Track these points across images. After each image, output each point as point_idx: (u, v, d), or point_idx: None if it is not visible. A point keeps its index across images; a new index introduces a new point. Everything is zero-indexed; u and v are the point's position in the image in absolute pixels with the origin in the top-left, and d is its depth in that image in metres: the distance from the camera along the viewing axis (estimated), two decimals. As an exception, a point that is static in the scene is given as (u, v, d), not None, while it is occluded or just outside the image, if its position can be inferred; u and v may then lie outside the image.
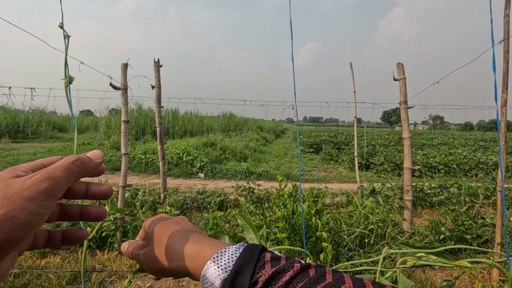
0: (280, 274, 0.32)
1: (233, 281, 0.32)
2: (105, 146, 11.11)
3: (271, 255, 0.35)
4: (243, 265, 0.33)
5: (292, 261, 0.34)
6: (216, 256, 0.35)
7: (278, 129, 31.20)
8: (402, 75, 3.40)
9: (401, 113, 3.41)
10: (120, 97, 3.23)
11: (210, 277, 0.34)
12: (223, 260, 0.35)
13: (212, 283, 0.34)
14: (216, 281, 0.33)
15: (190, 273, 0.38)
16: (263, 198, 4.46)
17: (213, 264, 0.35)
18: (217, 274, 0.34)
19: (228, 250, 0.36)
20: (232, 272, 0.33)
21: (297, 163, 10.89)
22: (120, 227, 3.08)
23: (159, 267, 0.40)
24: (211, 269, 0.34)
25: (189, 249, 0.39)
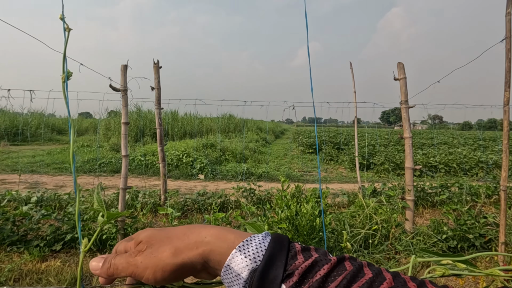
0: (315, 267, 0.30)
1: (264, 272, 0.30)
2: (104, 148, 11.08)
3: (300, 245, 0.33)
4: (274, 256, 0.31)
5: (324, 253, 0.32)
6: (242, 245, 0.33)
7: (278, 130, 31.22)
8: (403, 74, 3.39)
9: (402, 112, 3.40)
10: (120, 98, 3.22)
11: (236, 267, 0.31)
12: (251, 249, 0.32)
13: (238, 274, 0.31)
14: (243, 272, 0.31)
15: (208, 265, 0.34)
16: (264, 199, 4.45)
17: (239, 253, 0.32)
18: (244, 265, 0.31)
19: (254, 239, 0.33)
20: (262, 263, 0.30)
21: (297, 164, 10.87)
22: (120, 229, 3.06)
23: (171, 264, 0.34)
24: (238, 259, 0.32)
25: (209, 234, 0.35)
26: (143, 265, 0.34)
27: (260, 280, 0.30)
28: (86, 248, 0.43)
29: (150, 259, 0.35)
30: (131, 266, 0.35)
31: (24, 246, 3.00)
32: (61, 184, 6.41)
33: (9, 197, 4.12)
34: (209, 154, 9.74)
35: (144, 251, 0.36)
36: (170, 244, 0.35)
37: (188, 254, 0.34)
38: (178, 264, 0.34)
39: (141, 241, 0.37)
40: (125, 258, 0.36)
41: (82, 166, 8.28)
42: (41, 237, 3.10)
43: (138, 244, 0.37)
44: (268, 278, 0.29)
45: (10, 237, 2.99)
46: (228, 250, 0.33)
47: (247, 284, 0.30)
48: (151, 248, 0.35)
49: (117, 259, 0.37)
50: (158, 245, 0.35)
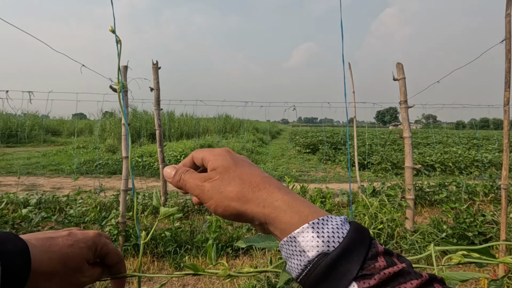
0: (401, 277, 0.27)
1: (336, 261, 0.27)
2: (100, 150, 10.98)
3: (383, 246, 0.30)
4: (352, 248, 0.28)
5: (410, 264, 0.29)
6: (317, 223, 0.30)
7: (274, 130, 31.26)
8: (402, 75, 3.43)
9: (401, 112, 3.43)
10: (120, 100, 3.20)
11: (303, 244, 0.29)
12: (326, 230, 0.29)
13: (303, 251, 0.29)
14: (310, 251, 0.29)
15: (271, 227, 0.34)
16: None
17: (311, 230, 0.30)
18: (314, 244, 0.29)
19: (331, 221, 0.30)
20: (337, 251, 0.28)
21: (295, 164, 10.91)
22: (122, 231, 3.04)
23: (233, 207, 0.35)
24: (308, 236, 0.29)
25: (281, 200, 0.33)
26: (209, 194, 0.36)
27: (329, 268, 0.27)
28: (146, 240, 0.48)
29: (216, 193, 0.35)
30: (198, 189, 0.37)
31: (24, 249, 2.96)
32: (58, 186, 6.34)
33: (6, 199, 4.07)
34: (206, 155, 9.72)
35: (214, 180, 0.36)
36: (239, 187, 0.35)
37: (252, 207, 0.34)
38: (239, 212, 0.34)
39: (215, 169, 0.37)
40: (195, 180, 0.37)
41: (79, 167, 8.20)
42: (41, 240, 3.07)
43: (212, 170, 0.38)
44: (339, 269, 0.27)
45: (9, 241, 2.95)
46: (298, 222, 0.31)
47: (311, 265, 0.29)
48: (221, 181, 0.36)
49: (187, 177, 0.38)
50: (228, 182, 0.35)
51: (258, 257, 2.95)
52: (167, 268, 2.84)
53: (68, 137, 18.31)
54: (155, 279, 2.69)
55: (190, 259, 2.89)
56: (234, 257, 3.05)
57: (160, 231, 3.13)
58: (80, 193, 3.83)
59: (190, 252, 3.00)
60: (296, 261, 0.30)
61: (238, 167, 0.37)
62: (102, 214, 3.33)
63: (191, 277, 2.72)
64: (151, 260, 2.96)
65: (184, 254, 2.97)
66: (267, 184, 0.35)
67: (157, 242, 3.06)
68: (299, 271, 0.30)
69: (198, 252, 3.00)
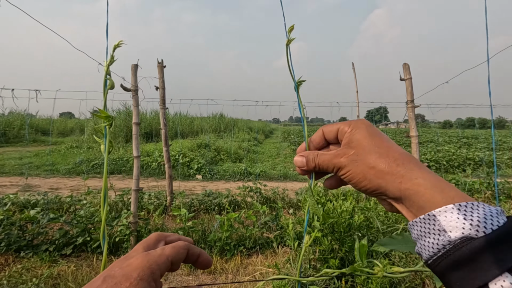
0: None
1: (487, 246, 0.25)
2: (95, 149, 10.78)
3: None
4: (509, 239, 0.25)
5: None
6: (465, 205, 0.28)
7: (267, 129, 31.30)
8: (409, 75, 3.51)
9: (408, 112, 3.52)
10: (131, 98, 3.16)
11: (444, 223, 0.28)
12: (476, 215, 0.27)
13: (444, 230, 0.28)
14: (453, 231, 0.27)
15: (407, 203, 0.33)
16: (270, 198, 4.48)
17: (457, 211, 0.28)
18: (459, 225, 0.27)
19: (483, 207, 0.28)
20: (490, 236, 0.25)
21: (291, 163, 10.97)
22: (134, 231, 3.01)
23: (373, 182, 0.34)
24: (452, 216, 0.28)
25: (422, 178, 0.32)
26: (347, 168, 0.37)
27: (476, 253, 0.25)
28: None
29: (354, 166, 0.36)
30: (335, 165, 0.38)
31: (32, 250, 2.90)
32: (55, 186, 6.20)
33: (6, 200, 3.95)
34: (204, 154, 9.67)
35: (350, 155, 0.37)
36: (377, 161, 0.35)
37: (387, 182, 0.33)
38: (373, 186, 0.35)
39: (350, 143, 0.38)
40: (330, 159, 0.38)
41: (75, 167, 8.03)
42: (50, 241, 3.01)
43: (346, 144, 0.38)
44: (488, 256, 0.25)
45: (17, 242, 2.88)
46: (441, 202, 0.29)
47: (451, 245, 0.27)
48: (357, 155, 0.36)
49: (321, 159, 0.40)
50: (364, 156, 0.36)
51: (273, 256, 2.98)
52: (182, 268, 2.83)
53: (58, 137, 17.87)
54: (171, 278, 2.68)
55: (204, 258, 2.88)
56: (247, 255, 3.06)
57: (173, 230, 3.11)
58: (90, 193, 3.75)
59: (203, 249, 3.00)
60: (432, 240, 0.28)
61: (375, 140, 0.37)
62: (112, 214, 3.29)
63: (207, 276, 2.72)
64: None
65: (198, 253, 2.96)
66: (406, 161, 0.34)
67: (170, 242, 3.04)
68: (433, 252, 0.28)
69: (212, 251, 3.00)
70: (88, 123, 15.63)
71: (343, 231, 1.73)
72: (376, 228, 1.91)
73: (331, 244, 1.69)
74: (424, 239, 0.29)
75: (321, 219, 1.63)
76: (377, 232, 1.97)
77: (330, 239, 1.71)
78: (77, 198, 4.21)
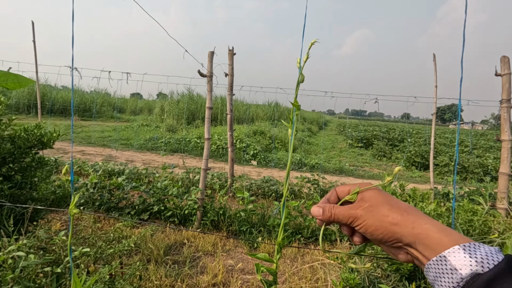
0: None
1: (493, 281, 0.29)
2: (161, 129, 11.81)
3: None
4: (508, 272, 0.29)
5: None
6: (469, 246, 0.32)
7: (321, 120, 30.49)
8: (507, 70, 3.06)
9: (502, 112, 3.09)
10: (206, 84, 3.37)
11: (455, 263, 0.32)
12: (478, 253, 0.31)
13: (455, 269, 0.31)
14: (463, 269, 0.31)
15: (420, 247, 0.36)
16: (326, 191, 4.42)
17: (463, 252, 0.32)
18: (467, 263, 0.31)
19: (484, 247, 0.33)
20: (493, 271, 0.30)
21: (347, 157, 10.57)
22: (200, 207, 3.28)
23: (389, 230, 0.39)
24: (459, 255, 0.32)
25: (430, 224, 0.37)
26: (363, 219, 0.41)
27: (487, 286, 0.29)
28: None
29: (370, 216, 0.41)
30: (352, 217, 0.42)
31: (118, 212, 3.37)
32: (130, 158, 7.02)
33: (97, 167, 4.63)
34: (260, 141, 9.88)
35: (365, 207, 0.42)
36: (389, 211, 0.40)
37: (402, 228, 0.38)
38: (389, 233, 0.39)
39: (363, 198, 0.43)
40: (346, 211, 0.43)
41: (145, 143, 8.95)
42: (131, 206, 3.45)
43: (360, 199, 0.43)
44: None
45: (107, 204, 3.38)
46: (449, 243, 0.33)
47: (463, 282, 0.30)
48: (372, 207, 0.41)
49: (337, 211, 0.44)
50: (377, 207, 0.41)
51: (330, 248, 2.97)
52: (242, 246, 3.01)
53: (130, 115, 20.00)
54: (232, 255, 2.87)
55: (264, 240, 3.02)
56: (304, 244, 3.11)
57: (235, 211, 3.30)
58: (166, 168, 4.18)
59: (262, 233, 3.14)
60: (447, 279, 0.32)
61: (384, 195, 0.42)
62: (182, 189, 3.61)
63: (266, 258, 2.85)
64: (227, 236, 3.16)
65: (257, 234, 3.11)
66: (413, 210, 0.39)
67: (232, 221, 3.24)
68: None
69: (271, 235, 3.11)
70: (156, 104, 17.10)
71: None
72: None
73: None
74: (440, 279, 0.33)
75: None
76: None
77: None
78: (151, 171, 4.72)
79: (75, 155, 6.68)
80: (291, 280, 2.42)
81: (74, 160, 4.90)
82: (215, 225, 3.29)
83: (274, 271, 0.46)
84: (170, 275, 2.31)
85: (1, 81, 0.55)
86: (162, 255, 2.60)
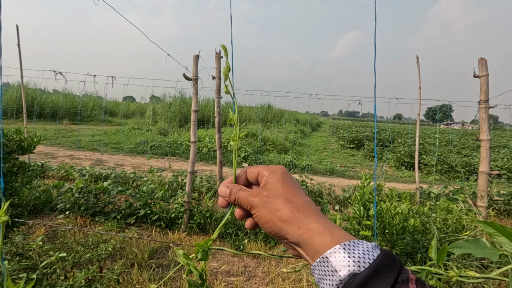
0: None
1: (367, 280, 0.29)
2: (153, 132, 11.75)
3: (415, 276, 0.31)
4: (383, 269, 0.30)
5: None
6: (348, 245, 0.32)
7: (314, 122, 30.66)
8: (485, 71, 3.14)
9: (480, 113, 3.17)
10: (191, 87, 3.39)
11: (335, 263, 0.31)
12: (357, 252, 0.31)
13: (335, 270, 0.31)
14: (342, 270, 0.30)
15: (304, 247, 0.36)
16: (316, 192, 4.46)
17: (342, 251, 0.31)
18: (345, 264, 0.30)
19: (362, 244, 0.32)
20: (368, 270, 0.29)
21: (338, 158, 10.66)
22: (187, 210, 3.28)
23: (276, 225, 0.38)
24: (339, 256, 0.31)
25: (316, 222, 0.36)
26: (257, 209, 0.40)
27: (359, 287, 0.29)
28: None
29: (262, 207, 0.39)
30: (249, 203, 0.41)
31: (104, 217, 3.35)
32: (120, 162, 6.97)
33: (84, 172, 4.59)
34: (251, 144, 9.90)
35: (262, 196, 0.40)
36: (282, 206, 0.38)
37: (288, 226, 0.37)
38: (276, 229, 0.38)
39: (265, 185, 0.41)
40: (247, 196, 0.42)
41: (136, 147, 8.90)
42: (117, 210, 3.44)
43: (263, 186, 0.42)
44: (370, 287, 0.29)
45: (93, 208, 3.35)
46: (331, 243, 0.33)
47: (342, 284, 0.30)
48: (268, 198, 0.39)
49: (240, 194, 0.43)
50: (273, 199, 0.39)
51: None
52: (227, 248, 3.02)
53: (122, 118, 19.84)
54: (218, 256, 2.88)
55: (250, 242, 3.03)
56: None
57: (222, 213, 3.31)
58: (153, 172, 4.17)
59: (249, 236, 3.15)
60: (328, 282, 0.31)
61: (285, 186, 0.40)
62: (169, 192, 3.61)
63: (251, 259, 2.87)
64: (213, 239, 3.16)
65: (243, 237, 3.12)
66: (306, 207, 0.38)
67: (218, 223, 3.25)
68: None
69: (257, 237, 3.13)
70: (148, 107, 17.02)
71: (395, 233, 1.67)
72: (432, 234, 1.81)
73: (381, 245, 1.66)
74: (323, 281, 0.32)
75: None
76: (432, 238, 1.87)
77: (380, 240, 1.67)
78: (139, 175, 4.70)
79: (63, 160, 6.61)
80: (275, 281, 2.44)
81: (61, 165, 4.85)
82: (202, 228, 3.30)
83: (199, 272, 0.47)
84: (153, 279, 2.31)
85: None
86: (147, 258, 2.59)
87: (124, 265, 2.42)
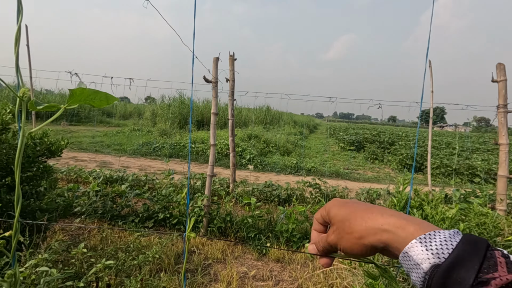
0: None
1: (449, 270, 0.29)
2: (153, 134, 11.64)
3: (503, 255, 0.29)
4: (463, 257, 0.29)
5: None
6: (424, 237, 0.33)
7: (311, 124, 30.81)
8: (503, 76, 3.19)
9: (499, 117, 3.22)
10: (211, 90, 3.36)
11: (415, 257, 0.32)
12: (434, 243, 0.32)
13: (417, 264, 0.32)
14: (423, 263, 0.31)
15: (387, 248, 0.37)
16: (329, 195, 4.46)
17: (419, 244, 0.32)
18: (425, 257, 0.31)
19: (439, 234, 0.33)
20: (448, 261, 0.30)
21: (340, 161, 10.71)
22: (207, 214, 3.25)
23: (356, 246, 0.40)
24: (417, 249, 0.32)
25: (386, 223, 0.37)
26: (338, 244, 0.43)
27: (443, 278, 0.29)
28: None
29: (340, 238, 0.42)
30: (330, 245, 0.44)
31: (122, 220, 3.29)
32: (125, 164, 6.88)
33: (95, 174, 4.52)
34: (255, 145, 9.88)
35: (334, 231, 0.43)
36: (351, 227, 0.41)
37: (369, 239, 0.38)
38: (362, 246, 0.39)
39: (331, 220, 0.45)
40: (324, 241, 0.45)
41: (139, 149, 8.80)
42: (135, 214, 3.38)
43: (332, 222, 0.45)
44: (453, 277, 0.29)
45: (111, 212, 3.30)
46: (406, 239, 0.34)
47: (427, 276, 0.31)
48: (339, 229, 0.43)
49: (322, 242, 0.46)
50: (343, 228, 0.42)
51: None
52: (250, 252, 3.00)
53: (119, 119, 19.62)
54: (242, 261, 2.86)
55: (272, 246, 3.01)
56: (312, 249, 3.12)
57: (242, 217, 3.29)
58: (170, 175, 4.12)
59: (270, 239, 3.13)
60: (415, 274, 0.33)
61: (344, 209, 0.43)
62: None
63: (275, 263, 2.85)
64: (235, 242, 3.14)
65: (265, 240, 3.11)
66: (370, 213, 0.40)
67: (239, 227, 3.23)
68: (420, 284, 0.32)
69: (279, 240, 3.11)
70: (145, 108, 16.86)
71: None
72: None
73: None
74: (411, 274, 0.34)
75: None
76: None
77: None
78: (150, 177, 4.64)
79: (68, 162, 6.49)
80: (305, 286, 2.43)
81: (70, 167, 4.76)
82: (222, 231, 3.27)
83: None
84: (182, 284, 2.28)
85: (89, 99, 0.54)
86: (173, 263, 2.56)
87: (152, 271, 2.38)
